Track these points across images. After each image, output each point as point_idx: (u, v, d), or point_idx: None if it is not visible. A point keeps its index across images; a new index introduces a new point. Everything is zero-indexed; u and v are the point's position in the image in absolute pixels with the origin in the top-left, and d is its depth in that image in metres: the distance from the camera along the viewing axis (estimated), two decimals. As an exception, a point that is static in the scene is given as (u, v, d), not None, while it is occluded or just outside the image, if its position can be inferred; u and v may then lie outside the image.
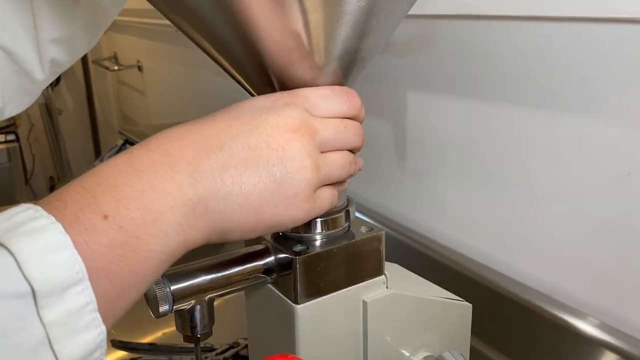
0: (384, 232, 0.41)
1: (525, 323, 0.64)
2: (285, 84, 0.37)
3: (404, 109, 0.85)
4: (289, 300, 0.39)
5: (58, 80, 2.51)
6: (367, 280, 0.41)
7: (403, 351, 0.44)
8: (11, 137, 2.05)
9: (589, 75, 0.57)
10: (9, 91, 0.52)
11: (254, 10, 0.32)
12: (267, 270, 0.40)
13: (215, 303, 0.73)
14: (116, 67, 2.17)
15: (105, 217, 0.27)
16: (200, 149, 0.31)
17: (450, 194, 0.78)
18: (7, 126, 2.12)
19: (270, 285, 0.40)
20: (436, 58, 0.77)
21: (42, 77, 0.52)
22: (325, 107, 0.36)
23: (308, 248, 0.38)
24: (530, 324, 0.64)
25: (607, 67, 0.56)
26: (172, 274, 0.36)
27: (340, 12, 0.33)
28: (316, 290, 0.39)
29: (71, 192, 0.28)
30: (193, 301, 0.37)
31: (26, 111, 2.52)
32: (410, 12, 0.39)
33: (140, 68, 2.09)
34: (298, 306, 0.38)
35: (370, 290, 0.41)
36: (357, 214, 0.94)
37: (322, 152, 0.36)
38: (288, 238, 0.40)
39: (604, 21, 0.55)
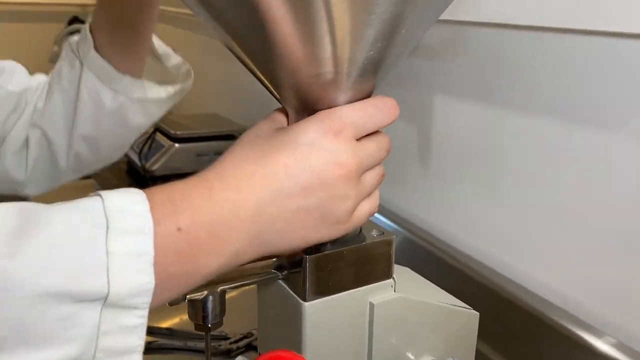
0: (394, 237, 0.42)
1: (538, 335, 0.64)
2: (311, 93, 0.38)
3: (430, 113, 0.86)
4: (297, 297, 0.40)
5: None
6: (376, 282, 0.42)
7: (407, 354, 0.45)
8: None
9: (616, 91, 0.57)
10: (35, 170, 0.61)
11: (280, 22, 0.33)
12: (279, 266, 0.41)
13: (232, 294, 0.74)
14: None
15: (179, 229, 0.32)
16: (264, 189, 0.35)
17: (472, 202, 0.79)
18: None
19: (280, 282, 0.42)
20: (465, 64, 0.77)
21: (65, 166, 0.62)
22: (370, 127, 0.40)
23: (319, 248, 0.40)
24: (543, 336, 0.64)
25: (635, 83, 0.55)
26: (187, 265, 0.38)
27: (367, 22, 0.34)
28: (324, 289, 0.40)
29: (159, 200, 0.32)
30: (205, 292, 0.38)
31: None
32: (441, 17, 0.40)
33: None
34: (306, 303, 0.39)
35: (378, 293, 0.42)
36: (378, 215, 0.96)
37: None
38: (301, 237, 0.41)
39: (636, 37, 0.55)
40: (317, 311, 0.40)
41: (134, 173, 1.38)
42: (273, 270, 0.41)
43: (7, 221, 0.28)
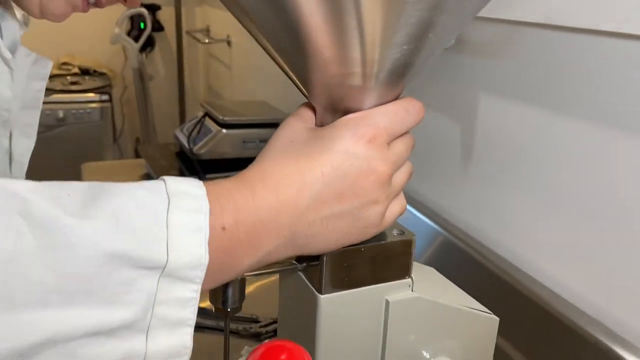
0: (414, 237, 0.43)
1: (574, 347, 0.63)
2: (339, 93, 0.39)
3: (475, 112, 0.85)
4: (314, 290, 0.41)
5: (152, 47, 2.64)
6: (393, 281, 0.43)
7: (422, 354, 0.45)
8: (105, 97, 2.19)
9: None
10: None
11: (311, 22, 0.34)
12: (299, 258, 0.42)
13: (265, 280, 0.76)
14: (207, 40, 2.25)
15: (223, 228, 0.34)
16: (301, 196, 0.37)
17: (513, 205, 0.78)
18: (102, 87, 2.26)
19: (300, 273, 0.43)
20: (515, 64, 0.76)
21: None
22: (401, 131, 0.41)
23: (338, 243, 0.40)
24: (578, 348, 0.63)
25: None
26: (210, 251, 0.39)
27: (397, 25, 0.35)
28: (341, 283, 0.41)
29: (210, 199, 0.34)
30: (226, 278, 0.40)
31: (121, 73, 2.67)
32: (491, 15, 0.40)
33: (229, 43, 2.16)
34: (322, 296, 0.40)
35: (395, 291, 0.43)
36: (415, 212, 0.95)
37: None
38: (322, 231, 0.42)
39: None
40: (333, 304, 0.41)
41: (182, 155, 1.42)
42: (294, 262, 0.42)
43: (78, 191, 0.31)
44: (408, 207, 0.93)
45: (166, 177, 0.34)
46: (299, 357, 0.26)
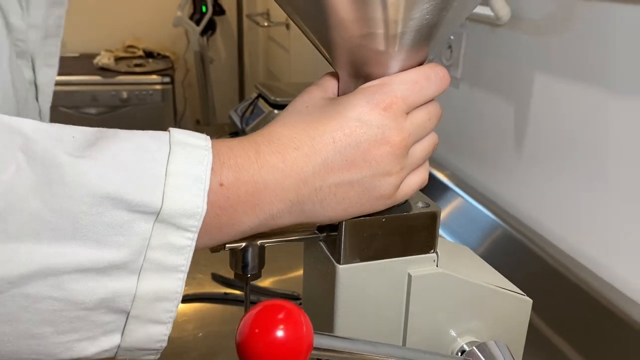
0: (439, 209, 0.41)
1: (625, 340, 0.60)
2: (361, 56, 0.38)
3: (529, 92, 0.81)
4: (333, 260, 0.40)
5: (214, 30, 2.69)
6: (416, 254, 0.41)
7: (446, 332, 0.44)
8: (167, 79, 2.25)
9: None
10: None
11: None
12: (320, 227, 0.42)
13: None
14: (266, 24, 2.27)
15: (221, 184, 0.34)
16: (309, 161, 0.36)
17: (566, 191, 0.74)
18: (165, 69, 2.33)
19: (321, 242, 0.42)
20: (572, 41, 0.72)
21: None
22: (421, 100, 0.39)
23: (359, 213, 0.40)
24: (629, 340, 0.59)
25: None
26: (229, 216, 0.39)
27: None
28: (360, 254, 0.40)
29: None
30: (244, 243, 0.40)
31: (184, 57, 2.74)
32: None
33: (288, 26, 2.17)
34: (340, 266, 0.40)
35: (418, 266, 0.42)
36: (463, 194, 0.93)
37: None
38: (346, 201, 0.41)
39: None
40: (351, 275, 0.40)
41: (235, 135, 1.44)
42: (315, 231, 0.42)
43: (84, 135, 0.31)
44: (463, 194, 0.90)
45: (173, 129, 0.34)
46: (296, 317, 0.26)
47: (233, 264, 0.41)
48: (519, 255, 0.78)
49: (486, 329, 0.45)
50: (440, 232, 0.95)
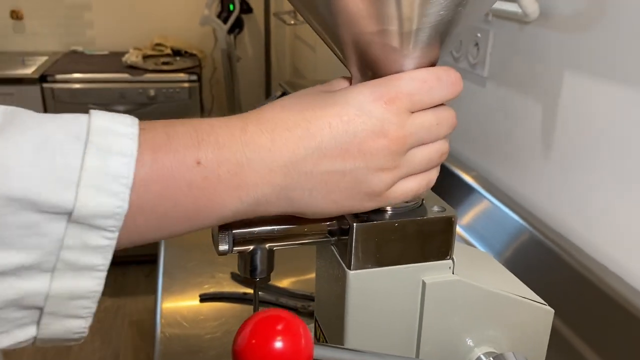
0: (455, 214, 0.39)
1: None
2: (372, 53, 0.36)
3: (558, 90, 0.78)
4: (344, 265, 0.39)
5: (241, 28, 2.69)
6: (431, 261, 0.40)
7: (462, 341, 0.42)
8: (193, 77, 2.26)
9: None
10: None
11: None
12: (331, 232, 0.40)
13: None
14: (292, 22, 2.26)
15: (198, 163, 0.31)
16: (301, 144, 0.34)
17: (596, 193, 0.71)
18: (192, 67, 2.34)
19: (332, 247, 0.41)
20: (602, 39, 0.69)
21: None
22: (428, 100, 0.37)
23: (369, 217, 0.38)
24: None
25: None
26: (237, 218, 0.38)
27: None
28: (372, 260, 0.39)
29: (182, 130, 0.32)
30: (252, 247, 0.39)
31: (211, 55, 2.75)
32: None
33: (314, 24, 2.16)
34: (350, 272, 0.38)
35: (433, 272, 0.40)
36: (490, 196, 0.90)
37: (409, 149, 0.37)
38: (358, 204, 0.40)
39: None
40: (362, 281, 0.39)
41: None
42: (327, 235, 0.41)
43: None
44: (490, 197, 0.87)
45: (94, 111, 0.30)
46: (295, 328, 0.25)
47: (242, 268, 0.40)
48: (546, 261, 0.75)
49: (505, 339, 0.43)
50: (465, 235, 0.93)
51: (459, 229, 0.95)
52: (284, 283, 0.86)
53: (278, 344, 0.25)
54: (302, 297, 0.84)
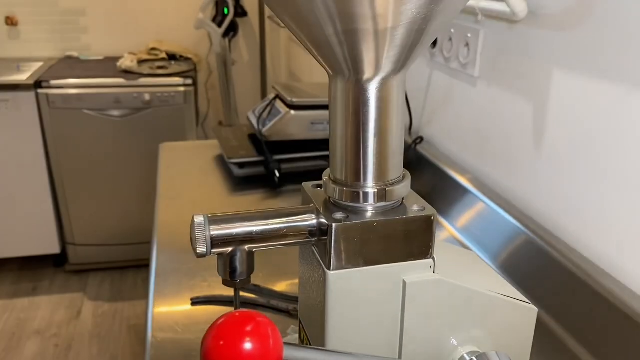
0: (434, 213, 0.39)
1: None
2: (353, 52, 0.36)
3: (548, 87, 0.78)
4: (323, 265, 0.39)
5: (236, 32, 2.69)
6: (412, 260, 0.40)
7: (445, 341, 0.42)
8: (189, 81, 2.26)
9: None
10: None
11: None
12: (311, 232, 0.40)
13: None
14: (287, 24, 2.26)
15: None
16: None
17: (587, 191, 0.71)
18: (187, 71, 2.34)
19: (313, 247, 0.41)
20: (591, 36, 0.69)
21: None
22: None
23: (348, 217, 0.38)
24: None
25: None
26: (215, 219, 0.38)
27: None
28: (352, 260, 0.38)
29: None
30: (231, 248, 0.38)
31: (207, 59, 2.75)
32: None
33: (308, 27, 2.16)
34: (330, 272, 0.38)
35: (413, 272, 0.40)
36: (474, 191, 0.90)
37: None
38: (338, 205, 0.40)
39: None
40: (342, 282, 0.38)
41: (254, 137, 1.43)
42: (307, 236, 0.40)
43: None
44: (484, 198, 0.86)
45: None
46: (263, 329, 0.24)
47: (221, 270, 0.40)
48: (541, 262, 0.75)
49: (489, 339, 0.43)
50: (461, 237, 0.92)
51: (454, 232, 0.94)
52: (282, 287, 0.85)
53: (247, 345, 0.24)
54: (293, 299, 0.84)
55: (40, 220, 2.31)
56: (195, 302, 0.82)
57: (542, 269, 0.74)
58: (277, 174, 1.25)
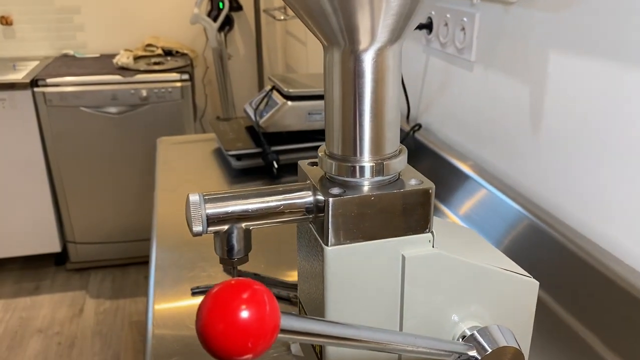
0: (432, 186, 0.39)
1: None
2: (348, 21, 0.35)
3: (545, 70, 0.78)
4: (321, 241, 0.38)
5: (231, 26, 2.69)
6: (410, 235, 0.39)
7: (446, 316, 0.41)
8: (185, 76, 2.25)
9: None
10: None
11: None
12: (308, 209, 0.40)
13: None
14: (283, 17, 2.26)
15: None
16: None
17: (586, 172, 0.71)
18: (184, 66, 2.33)
19: (310, 225, 0.40)
20: (586, 15, 0.68)
21: None
22: None
23: (345, 192, 0.38)
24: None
25: None
26: (211, 198, 0.38)
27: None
28: (350, 235, 0.38)
29: None
30: (227, 226, 0.38)
31: (203, 54, 2.74)
32: None
33: (304, 19, 2.15)
34: (328, 248, 0.38)
35: (412, 246, 0.39)
36: (475, 176, 0.90)
37: None
38: (334, 181, 0.40)
39: None
40: (340, 257, 0.38)
41: (252, 129, 1.43)
42: (304, 213, 0.40)
43: None
44: (486, 185, 0.86)
45: None
46: (259, 295, 0.24)
47: (218, 248, 0.40)
48: (543, 245, 0.75)
49: (490, 314, 0.42)
50: (462, 224, 0.92)
51: (456, 219, 0.94)
52: (292, 277, 0.85)
53: (243, 313, 0.24)
54: (294, 287, 0.84)
55: (40, 219, 2.31)
56: (195, 292, 0.82)
57: (544, 252, 0.74)
58: (276, 165, 1.24)
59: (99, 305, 2.23)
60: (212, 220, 0.37)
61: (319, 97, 1.34)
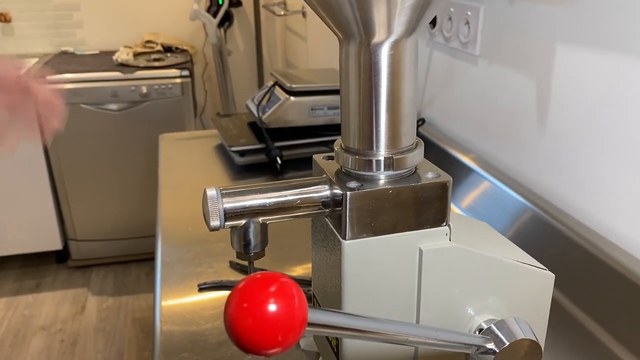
0: (450, 179, 0.39)
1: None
2: (363, 13, 0.35)
3: (550, 63, 0.78)
4: (339, 235, 0.38)
5: (231, 22, 2.68)
6: (427, 228, 0.39)
7: (462, 309, 0.41)
8: (185, 73, 2.25)
9: None
10: None
11: None
12: (324, 203, 0.40)
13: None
14: (282, 13, 2.25)
15: None
16: None
17: (591, 165, 0.71)
18: (183, 62, 2.32)
19: (326, 219, 0.40)
20: (593, 8, 0.68)
21: None
22: None
23: (362, 185, 0.37)
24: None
25: None
26: (228, 192, 0.38)
27: None
28: (367, 229, 0.38)
29: None
30: (244, 221, 0.38)
31: (202, 50, 2.73)
32: None
33: (304, 14, 2.15)
34: (345, 242, 0.38)
35: (429, 240, 0.39)
36: (479, 170, 0.90)
37: None
38: (351, 175, 0.39)
39: None
40: (358, 251, 0.38)
41: (254, 125, 1.42)
42: (321, 207, 0.40)
43: None
44: (489, 177, 0.86)
45: None
46: (288, 289, 0.24)
47: (235, 243, 0.39)
48: (548, 237, 0.75)
49: (506, 306, 0.42)
50: (466, 215, 0.92)
51: (460, 213, 0.94)
52: (291, 271, 0.85)
53: (272, 307, 0.24)
54: (307, 282, 0.84)
55: (41, 217, 2.30)
56: (202, 288, 0.82)
57: (549, 244, 0.74)
58: (279, 161, 1.24)
59: (101, 303, 2.23)
60: (229, 214, 0.37)
61: (322, 92, 1.34)
